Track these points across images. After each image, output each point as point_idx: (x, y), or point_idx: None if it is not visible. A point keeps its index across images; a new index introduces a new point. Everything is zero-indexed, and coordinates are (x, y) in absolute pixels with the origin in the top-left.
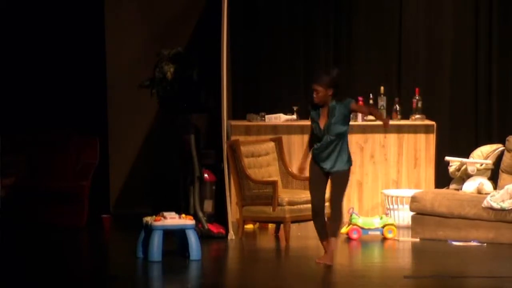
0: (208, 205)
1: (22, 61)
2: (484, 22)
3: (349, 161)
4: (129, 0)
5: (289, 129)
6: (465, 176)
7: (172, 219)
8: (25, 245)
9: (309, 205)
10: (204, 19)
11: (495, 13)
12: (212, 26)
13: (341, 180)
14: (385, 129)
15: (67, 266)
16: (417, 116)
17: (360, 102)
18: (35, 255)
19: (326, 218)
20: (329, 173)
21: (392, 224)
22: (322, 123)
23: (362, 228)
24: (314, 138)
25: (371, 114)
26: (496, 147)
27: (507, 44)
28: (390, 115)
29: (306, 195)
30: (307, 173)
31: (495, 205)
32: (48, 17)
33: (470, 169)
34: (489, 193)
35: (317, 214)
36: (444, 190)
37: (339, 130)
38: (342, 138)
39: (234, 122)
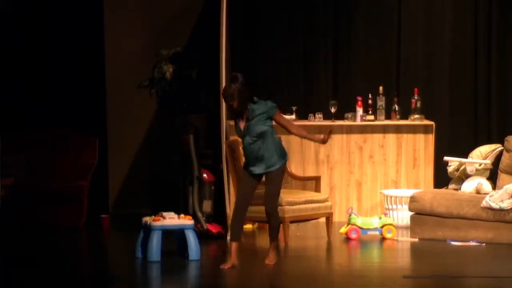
0: (207, 205)
1: (21, 61)
2: (483, 22)
3: (281, 159)
4: (128, 0)
5: None
6: (464, 176)
7: (171, 219)
8: (25, 244)
9: (308, 205)
10: (203, 19)
11: (494, 13)
12: (211, 26)
13: (274, 180)
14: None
15: (66, 266)
16: (416, 116)
17: (359, 102)
18: (34, 255)
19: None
20: (261, 176)
21: (391, 224)
22: (242, 125)
23: (361, 228)
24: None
25: (298, 134)
26: (495, 147)
27: (506, 44)
28: (389, 115)
29: (304, 195)
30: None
31: (494, 205)
32: (48, 17)
33: (469, 169)
34: (488, 193)
35: (237, 215)
36: (443, 190)
37: (261, 129)
38: (264, 138)
39: (233, 122)
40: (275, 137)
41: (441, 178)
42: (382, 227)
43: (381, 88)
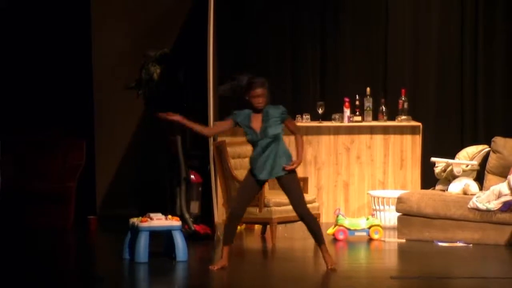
0: (195, 206)
1: (8, 62)
2: (470, 25)
3: (289, 162)
4: (116, 1)
5: None
6: (451, 177)
7: (158, 220)
8: (11, 246)
9: None
10: (190, 19)
11: (480, 14)
12: (198, 27)
13: (291, 184)
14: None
15: (54, 267)
16: (403, 117)
17: (346, 103)
18: (21, 256)
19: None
20: (264, 182)
21: (378, 225)
22: (256, 127)
23: (348, 229)
24: (252, 145)
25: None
26: (482, 148)
27: (493, 47)
28: (376, 116)
29: None
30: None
31: (480, 206)
32: (35, 18)
33: (456, 170)
34: (474, 194)
35: (233, 219)
36: (430, 191)
37: (276, 131)
38: (278, 140)
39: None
40: (283, 142)
41: (428, 179)
42: (369, 228)
43: (368, 89)
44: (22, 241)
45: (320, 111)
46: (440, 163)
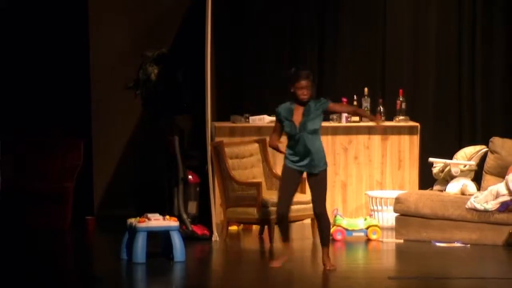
0: (192, 207)
1: (6, 62)
2: (468, 25)
3: (325, 160)
4: (114, 1)
5: None
6: (449, 177)
7: (156, 221)
8: (9, 246)
9: (293, 207)
10: (188, 20)
11: (479, 15)
12: (196, 27)
13: (323, 181)
14: (377, 126)
15: (52, 267)
16: (401, 117)
17: (345, 103)
18: (19, 256)
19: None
20: (304, 174)
21: (376, 225)
22: (296, 121)
23: (346, 229)
24: (288, 138)
25: (356, 113)
26: (480, 148)
27: (491, 47)
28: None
29: None
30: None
31: (478, 206)
32: (33, 18)
33: (454, 170)
34: (472, 194)
35: (282, 219)
36: (428, 191)
37: (315, 126)
38: (317, 134)
39: (218, 124)
40: (320, 138)
41: (426, 179)
42: (367, 228)
43: (366, 89)
44: (21, 240)
45: None
46: (438, 163)
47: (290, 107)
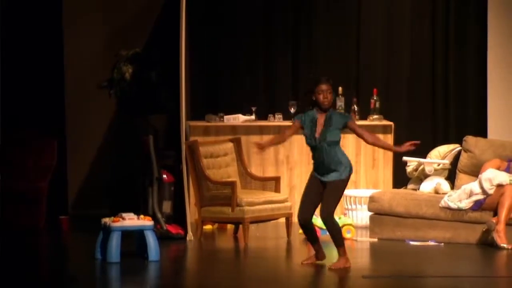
0: (167, 206)
1: None
2: (441, 24)
3: (346, 169)
4: (88, 1)
5: (248, 130)
6: (423, 176)
7: (130, 220)
8: None
9: (268, 206)
10: (163, 19)
11: (452, 16)
12: (170, 27)
13: (334, 190)
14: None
15: (25, 267)
16: (375, 116)
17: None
18: None
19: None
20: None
21: (350, 224)
22: (317, 131)
23: (320, 228)
24: (310, 149)
25: (375, 145)
26: (454, 147)
27: (464, 46)
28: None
29: (264, 195)
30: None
31: (452, 205)
32: (6, 18)
33: (428, 169)
34: (446, 193)
35: (304, 226)
36: (402, 190)
37: (334, 138)
38: (335, 145)
39: (192, 123)
40: (340, 149)
41: (400, 178)
42: (341, 227)
43: (340, 88)
44: None
45: (292, 110)
46: (412, 162)
47: (315, 117)
